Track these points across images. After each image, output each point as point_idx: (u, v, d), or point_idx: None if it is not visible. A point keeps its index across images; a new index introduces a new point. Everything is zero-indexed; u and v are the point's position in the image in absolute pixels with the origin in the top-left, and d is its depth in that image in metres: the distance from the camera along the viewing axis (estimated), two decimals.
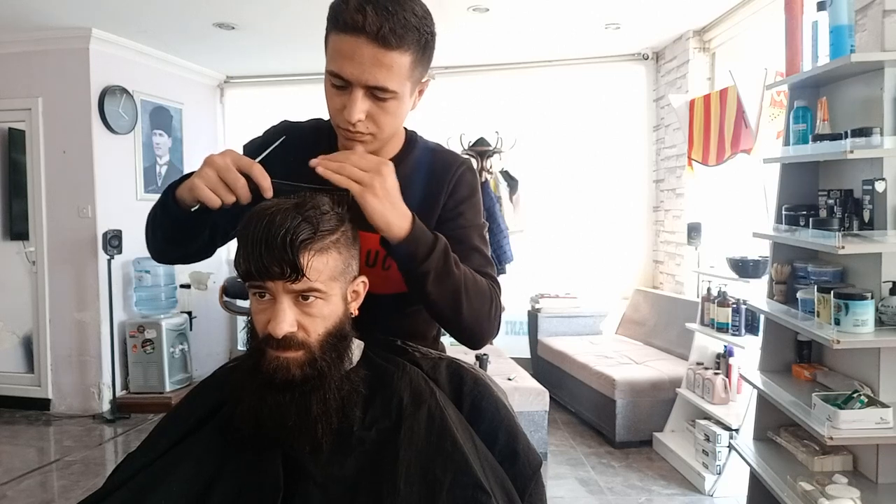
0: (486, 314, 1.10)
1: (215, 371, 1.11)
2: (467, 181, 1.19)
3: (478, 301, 1.08)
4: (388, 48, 0.98)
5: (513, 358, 4.05)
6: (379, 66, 0.99)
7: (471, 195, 1.19)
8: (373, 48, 0.98)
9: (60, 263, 4.42)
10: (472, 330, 1.09)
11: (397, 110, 1.06)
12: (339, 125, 1.07)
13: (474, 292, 1.07)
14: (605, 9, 3.98)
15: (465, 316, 1.06)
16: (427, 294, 1.03)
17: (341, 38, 1.00)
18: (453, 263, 1.04)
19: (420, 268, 1.00)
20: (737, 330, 3.21)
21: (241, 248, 0.91)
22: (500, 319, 1.15)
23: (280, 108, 5.45)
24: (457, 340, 1.13)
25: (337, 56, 1.01)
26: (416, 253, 1.00)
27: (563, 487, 3.19)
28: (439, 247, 1.02)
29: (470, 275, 1.08)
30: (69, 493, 3.18)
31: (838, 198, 2.16)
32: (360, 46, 0.98)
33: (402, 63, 1.01)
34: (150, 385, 4.47)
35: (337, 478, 0.91)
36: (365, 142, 1.08)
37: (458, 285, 1.04)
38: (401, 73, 1.01)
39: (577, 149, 5.18)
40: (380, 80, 1.00)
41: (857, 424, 1.85)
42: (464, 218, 1.17)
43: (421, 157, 1.20)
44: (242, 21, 4.14)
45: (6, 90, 4.42)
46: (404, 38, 0.99)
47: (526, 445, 1.01)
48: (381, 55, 0.98)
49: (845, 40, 2.05)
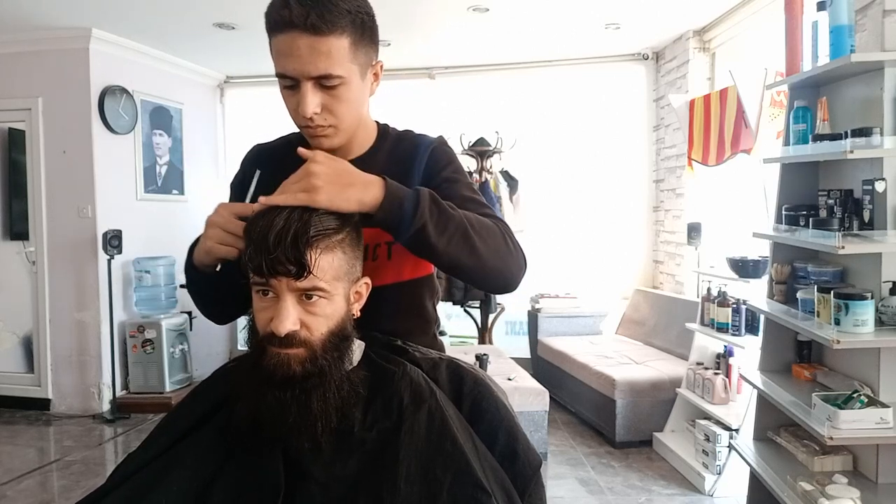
0: (505, 247, 1.05)
1: (215, 371, 1.11)
2: (441, 155, 1.18)
3: (490, 237, 1.03)
4: (320, 34, 0.98)
5: (513, 358, 4.05)
6: (317, 55, 0.99)
7: (449, 162, 1.18)
8: (306, 38, 0.98)
9: (60, 263, 4.43)
10: (499, 269, 1.04)
11: (349, 96, 1.05)
12: (300, 125, 1.08)
13: (482, 229, 1.02)
14: (605, 9, 3.98)
15: (483, 255, 1.01)
16: (435, 248, 0.97)
17: (277, 38, 1.01)
18: (447, 207, 0.99)
19: (414, 222, 0.95)
20: (737, 330, 3.21)
21: (247, 246, 0.91)
22: (523, 251, 1.09)
23: (280, 108, 5.45)
24: (490, 291, 1.09)
25: (278, 57, 1.02)
26: (403, 209, 0.95)
27: (563, 487, 3.19)
28: (424, 195, 0.97)
29: (471, 214, 1.04)
30: (69, 493, 3.18)
31: (838, 198, 2.16)
32: (294, 40, 0.99)
33: (339, 47, 1.00)
34: (150, 385, 4.47)
35: (337, 478, 0.91)
36: (328, 135, 1.08)
37: (463, 225, 0.99)
38: (341, 57, 1.01)
39: (577, 149, 5.18)
40: (321, 69, 1.00)
41: (857, 424, 1.85)
42: (447, 182, 1.14)
43: (392, 146, 1.20)
44: (242, 21, 4.14)
45: (6, 90, 4.43)
46: (335, 23, 0.99)
47: (526, 446, 1.01)
48: (315, 43, 0.99)
49: (845, 40, 2.05)
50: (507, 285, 1.07)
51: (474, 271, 1.02)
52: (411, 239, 0.96)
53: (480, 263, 1.01)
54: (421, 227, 0.95)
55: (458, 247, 0.98)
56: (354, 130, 1.13)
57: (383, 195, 0.95)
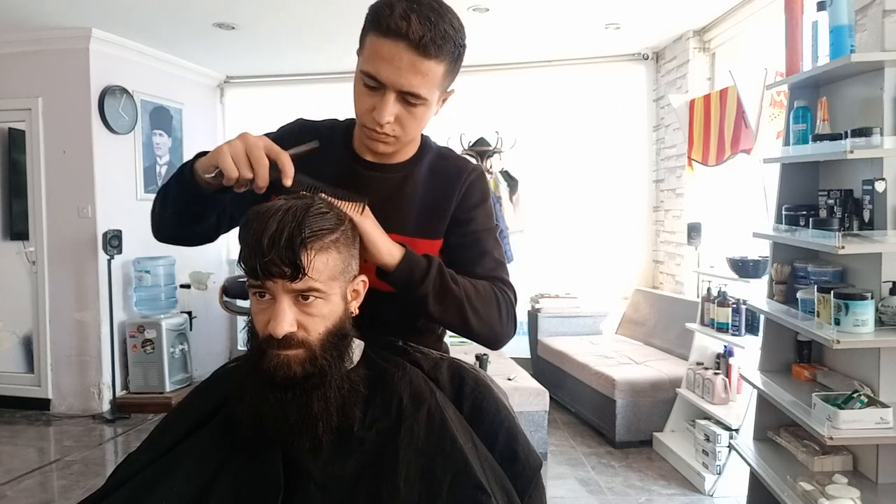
0: (497, 319, 1.13)
1: (215, 371, 1.11)
2: (479, 187, 1.22)
3: (484, 309, 1.11)
4: (426, 56, 1.02)
5: (513, 358, 4.05)
6: (415, 73, 1.03)
7: (483, 201, 1.22)
8: (412, 55, 1.01)
9: (60, 263, 4.42)
10: (486, 336, 1.14)
11: (424, 116, 1.10)
12: (366, 125, 1.09)
13: (478, 302, 1.10)
14: (605, 9, 3.98)
15: (473, 325, 1.10)
16: (430, 314, 1.08)
17: (382, 41, 1.02)
18: (450, 281, 1.07)
19: (418, 291, 1.05)
20: (737, 330, 3.21)
21: (242, 248, 0.91)
22: (516, 319, 1.18)
23: (280, 108, 5.48)
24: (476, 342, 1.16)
25: (375, 58, 1.03)
26: (412, 278, 1.04)
27: (563, 487, 3.19)
28: (433, 268, 1.06)
29: (471, 286, 1.10)
30: (69, 493, 3.18)
31: (838, 198, 2.16)
32: (400, 52, 1.01)
33: (436, 72, 1.05)
34: (150, 385, 4.47)
35: (337, 478, 0.91)
36: (389, 143, 1.11)
37: (460, 300, 1.08)
38: (433, 81, 1.05)
39: (577, 149, 5.17)
40: (414, 86, 1.04)
41: (857, 424, 1.85)
42: (475, 223, 1.20)
43: (433, 162, 1.22)
44: (242, 21, 4.14)
45: (6, 90, 4.42)
46: (442, 49, 1.03)
47: (526, 447, 1.02)
48: (418, 63, 1.02)
49: (845, 40, 2.05)
50: (490, 347, 1.18)
51: (460, 332, 1.14)
52: (410, 300, 1.07)
53: (468, 330, 1.12)
54: (422, 296, 1.06)
55: (451, 317, 1.09)
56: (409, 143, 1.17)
57: (401, 259, 1.04)
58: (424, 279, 1.04)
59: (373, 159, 1.18)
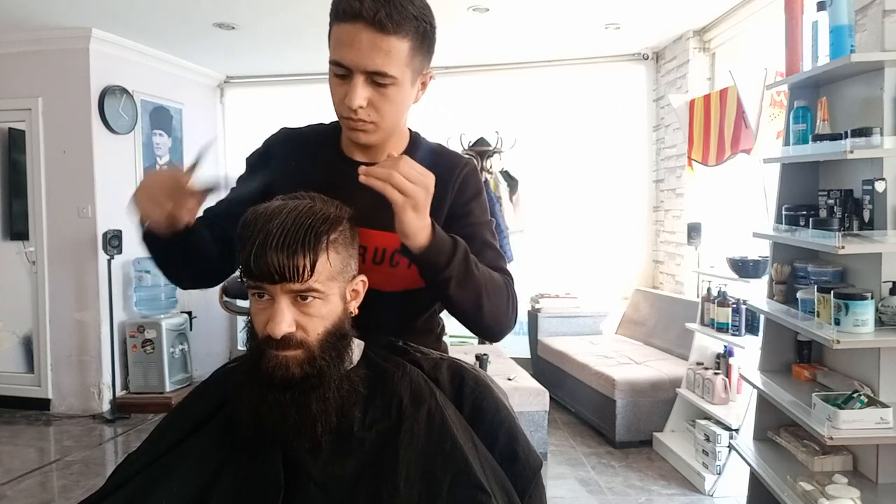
0: (505, 310, 1.12)
1: (215, 371, 1.11)
2: (472, 181, 1.22)
3: (497, 298, 1.09)
4: (385, 33, 1.01)
5: (513, 358, 4.04)
6: (377, 51, 1.01)
7: (477, 194, 1.22)
8: (370, 33, 1.00)
9: (60, 263, 4.42)
10: (492, 327, 1.12)
11: (397, 97, 1.07)
12: (342, 114, 1.09)
13: (493, 291, 1.08)
14: (605, 9, 3.98)
15: (485, 314, 1.08)
16: (449, 297, 1.04)
17: (341, 26, 1.03)
18: (473, 266, 1.05)
19: (442, 274, 1.01)
20: (737, 330, 3.21)
21: (239, 250, 0.91)
22: (517, 311, 1.17)
23: (280, 108, 5.48)
24: (475, 335, 1.15)
25: (337, 45, 1.04)
26: (438, 261, 1.00)
27: (563, 487, 3.19)
28: (459, 251, 1.02)
29: (488, 274, 1.09)
30: (69, 493, 3.18)
31: (838, 198, 2.16)
32: (358, 32, 1.01)
33: (400, 48, 1.03)
34: (150, 385, 4.47)
35: (337, 478, 0.91)
36: (367, 131, 1.09)
37: (480, 287, 1.06)
38: (399, 58, 1.03)
39: (577, 149, 5.17)
40: (378, 65, 1.02)
41: (857, 424, 1.85)
42: (472, 216, 1.19)
43: (424, 158, 1.20)
44: (242, 21, 4.14)
45: (6, 90, 4.42)
46: (401, 24, 1.01)
47: (526, 447, 1.02)
48: (378, 40, 1.01)
49: (845, 40, 2.05)
50: (492, 339, 1.18)
51: (469, 320, 1.10)
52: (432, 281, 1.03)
53: (478, 318, 1.09)
54: (446, 279, 1.01)
55: (468, 303, 1.06)
56: (392, 132, 1.15)
57: (429, 241, 0.98)
58: (451, 261, 1.01)
59: (362, 158, 1.17)
